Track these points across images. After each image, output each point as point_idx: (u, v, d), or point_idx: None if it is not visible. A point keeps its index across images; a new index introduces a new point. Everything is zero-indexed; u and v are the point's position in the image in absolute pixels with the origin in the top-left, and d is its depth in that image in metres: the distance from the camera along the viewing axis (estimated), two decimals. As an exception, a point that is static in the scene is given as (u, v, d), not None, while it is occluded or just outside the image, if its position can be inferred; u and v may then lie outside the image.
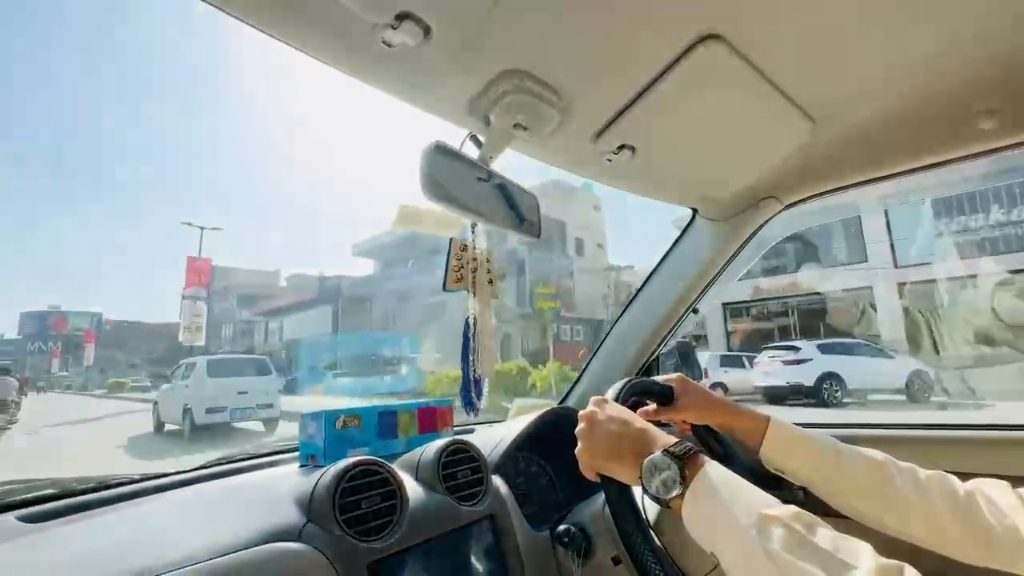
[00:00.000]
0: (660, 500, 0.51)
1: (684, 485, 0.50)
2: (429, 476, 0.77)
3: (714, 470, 0.50)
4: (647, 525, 0.60)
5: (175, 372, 9.90)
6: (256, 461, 0.90)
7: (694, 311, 1.21)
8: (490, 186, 0.72)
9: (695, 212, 1.10)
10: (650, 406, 0.77)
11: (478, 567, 0.77)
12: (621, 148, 0.76)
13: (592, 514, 0.83)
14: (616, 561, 0.77)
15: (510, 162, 0.79)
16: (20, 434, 9.49)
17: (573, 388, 1.29)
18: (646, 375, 1.24)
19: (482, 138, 0.70)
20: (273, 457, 0.92)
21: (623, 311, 1.26)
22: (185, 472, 0.82)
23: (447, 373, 11.08)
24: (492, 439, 0.97)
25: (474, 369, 0.82)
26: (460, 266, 0.81)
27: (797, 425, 0.71)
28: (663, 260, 1.20)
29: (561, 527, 0.83)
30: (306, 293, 27.94)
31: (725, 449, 0.78)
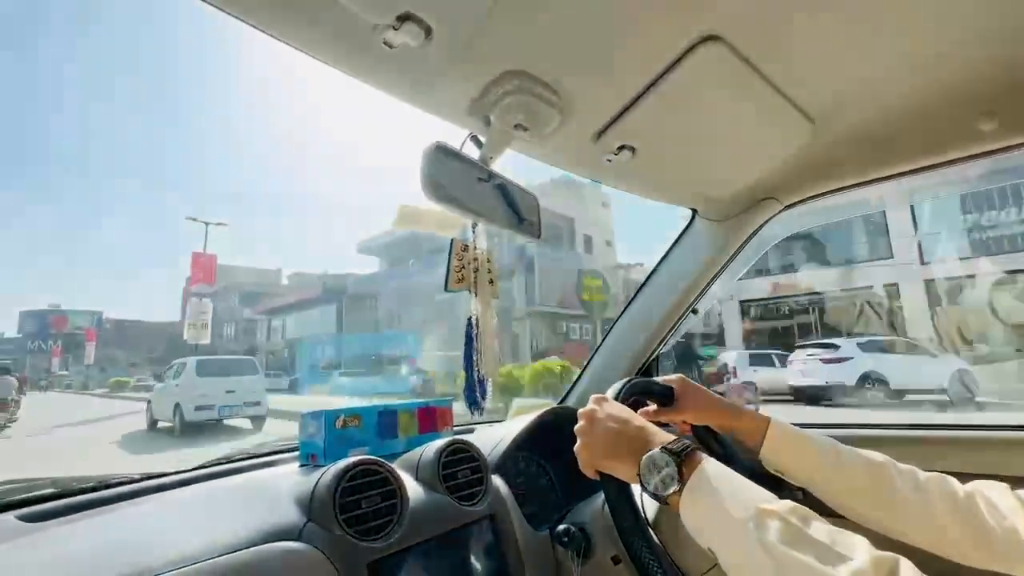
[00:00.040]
0: (658, 497, 0.51)
1: (682, 482, 0.50)
2: (429, 476, 0.77)
3: (711, 467, 0.51)
4: (646, 523, 0.60)
5: (167, 371, 10.22)
6: (256, 460, 0.90)
7: (694, 311, 1.22)
8: (490, 186, 0.73)
9: (695, 212, 1.11)
10: (650, 406, 0.77)
11: (478, 567, 0.77)
12: (621, 148, 0.76)
13: (592, 514, 0.83)
14: (616, 560, 0.77)
15: (519, 158, 0.79)
16: (19, 433, 9.51)
17: (573, 388, 1.29)
18: (646, 375, 1.24)
19: (482, 138, 0.70)
20: (273, 457, 0.92)
21: (623, 311, 1.26)
22: (185, 472, 0.82)
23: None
24: (492, 439, 0.97)
25: (478, 369, 0.82)
26: (461, 266, 0.81)
27: (797, 425, 0.71)
28: (663, 260, 1.20)
29: (561, 527, 0.83)
30: (308, 291, 27.89)
31: (725, 450, 0.78)
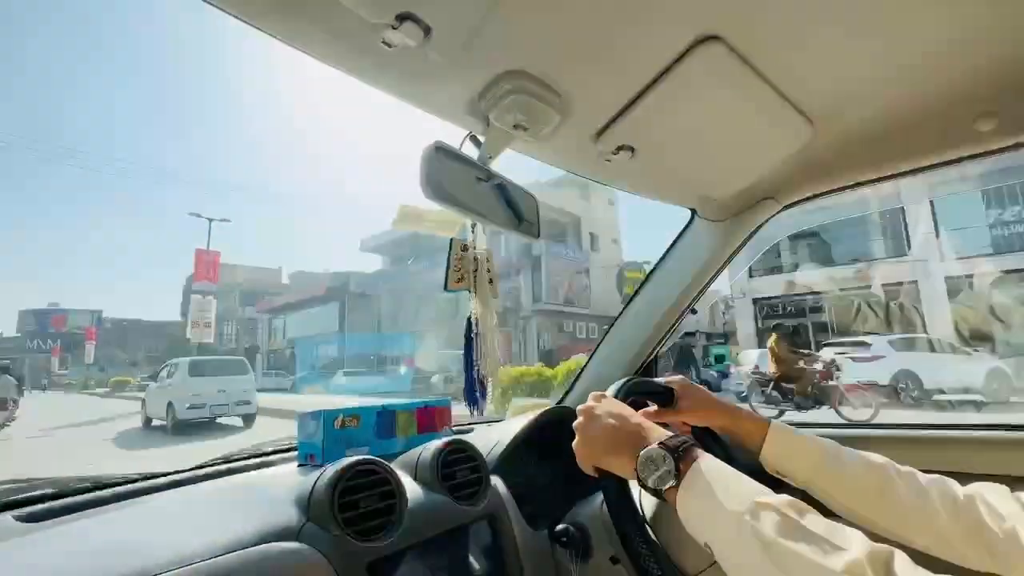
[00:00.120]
0: (656, 492, 0.52)
1: (679, 477, 0.50)
2: (428, 476, 0.77)
3: (708, 462, 0.51)
4: (643, 520, 0.60)
5: (161, 372, 10.62)
6: (254, 461, 0.90)
7: (692, 311, 1.22)
8: (490, 186, 0.73)
9: (693, 212, 1.11)
10: (651, 407, 0.77)
11: (477, 567, 0.77)
12: (620, 148, 0.76)
13: (590, 514, 0.83)
14: (614, 560, 0.77)
15: (522, 157, 0.79)
16: (19, 433, 9.52)
17: (572, 388, 1.29)
18: (645, 375, 1.24)
19: (482, 138, 0.70)
20: (271, 457, 0.92)
21: (622, 311, 1.26)
22: (183, 472, 0.82)
23: (506, 371, 11.05)
24: (491, 439, 0.97)
25: (478, 368, 0.82)
26: (461, 266, 0.81)
27: (797, 426, 0.71)
28: (662, 260, 1.20)
29: (559, 527, 0.83)
30: (310, 290, 27.84)
31: (725, 451, 0.78)
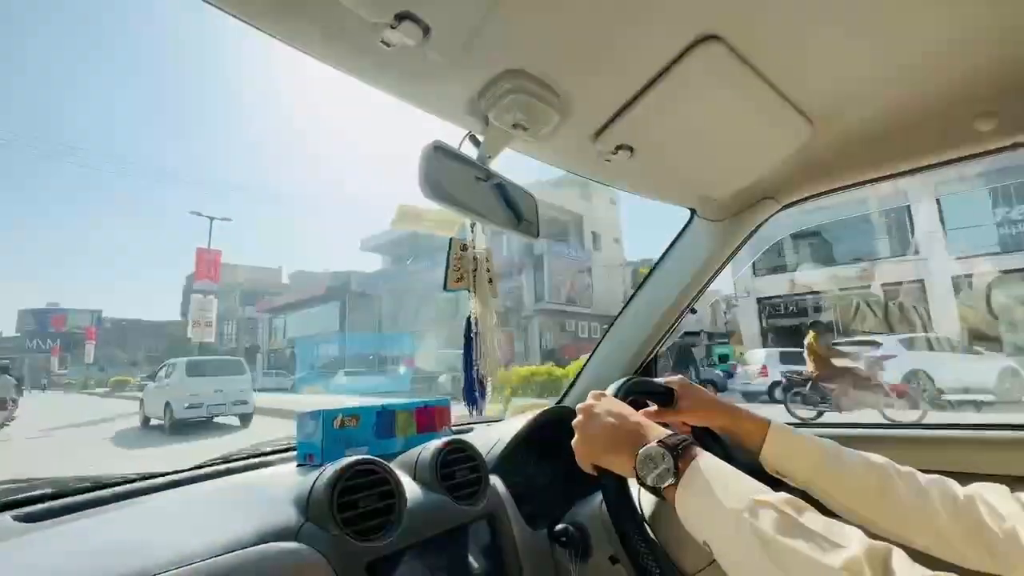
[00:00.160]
0: (655, 490, 0.52)
1: (678, 475, 0.50)
2: (427, 475, 0.77)
3: (707, 460, 0.51)
4: (642, 518, 0.60)
5: (159, 372, 10.76)
6: (253, 461, 0.89)
7: (692, 311, 1.22)
8: (489, 186, 0.72)
9: (693, 212, 1.11)
10: (651, 407, 0.77)
11: (476, 566, 0.77)
12: (620, 148, 0.76)
13: (590, 513, 0.83)
14: (614, 560, 0.77)
15: (524, 157, 0.79)
16: (18, 432, 9.54)
17: (571, 387, 1.29)
18: (645, 374, 1.24)
19: (481, 138, 0.70)
20: (270, 456, 0.92)
21: (621, 311, 1.26)
22: (182, 471, 0.82)
23: (517, 370, 11.02)
24: (490, 438, 0.97)
25: (477, 368, 0.82)
26: (460, 265, 0.81)
27: (797, 426, 0.71)
28: (661, 260, 1.20)
29: (559, 526, 0.83)
30: (310, 290, 27.81)
31: (725, 452, 0.78)
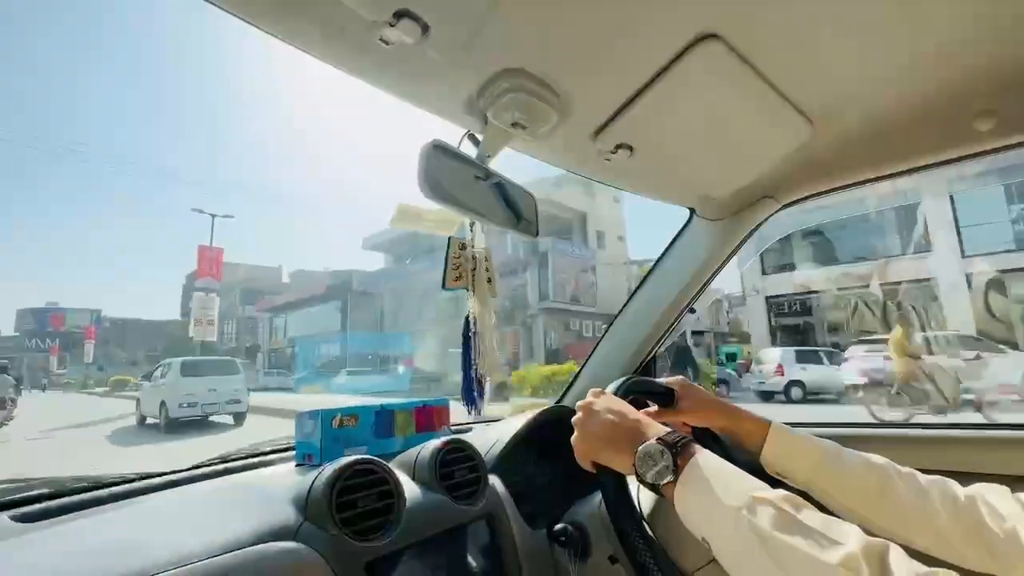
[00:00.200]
0: (654, 487, 0.52)
1: (677, 472, 0.51)
2: (426, 475, 0.77)
3: (706, 457, 0.52)
4: (641, 516, 0.60)
5: (154, 372, 11.12)
6: (252, 460, 0.89)
7: (691, 310, 1.22)
8: (488, 185, 0.72)
9: (692, 211, 1.10)
10: (651, 407, 0.77)
11: (475, 566, 0.77)
12: (619, 147, 0.75)
13: (589, 513, 0.83)
14: (613, 560, 0.77)
15: (526, 156, 0.79)
16: (17, 431, 9.55)
17: (570, 387, 1.29)
18: (644, 374, 1.24)
19: (480, 137, 0.70)
20: (269, 456, 0.92)
21: (620, 310, 1.26)
22: (180, 471, 0.82)
23: (539, 369, 10.98)
24: (489, 438, 0.97)
25: (475, 368, 0.82)
26: (459, 264, 0.81)
27: (797, 426, 0.71)
28: (660, 260, 1.20)
29: (558, 526, 0.83)
30: (310, 289, 27.74)
31: (725, 452, 0.78)
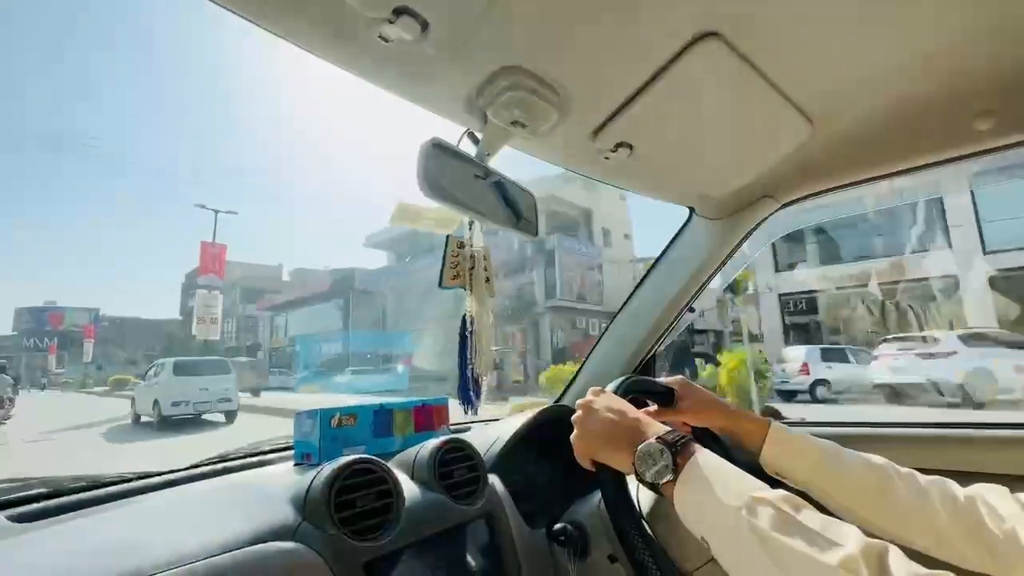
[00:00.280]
0: (653, 486, 0.52)
1: (676, 471, 0.51)
2: (425, 475, 0.77)
3: (705, 457, 0.52)
4: (640, 515, 0.60)
5: (148, 372, 11.55)
6: (250, 460, 0.89)
7: (690, 310, 1.22)
8: (488, 183, 0.72)
9: (692, 211, 1.10)
10: (651, 407, 0.77)
11: (474, 566, 0.77)
12: (619, 146, 0.75)
13: (588, 512, 0.83)
14: (612, 559, 0.77)
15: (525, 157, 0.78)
16: (15, 431, 9.56)
17: (570, 386, 1.29)
18: (644, 373, 1.24)
19: (479, 135, 0.70)
20: (267, 456, 0.92)
21: (620, 310, 1.26)
22: (178, 471, 0.82)
23: (560, 370, 10.92)
24: (488, 437, 0.97)
25: (471, 367, 0.82)
26: (457, 263, 0.81)
27: (797, 426, 0.71)
28: (659, 259, 1.20)
29: (557, 525, 0.83)
30: (311, 288, 27.62)
31: (725, 452, 0.78)
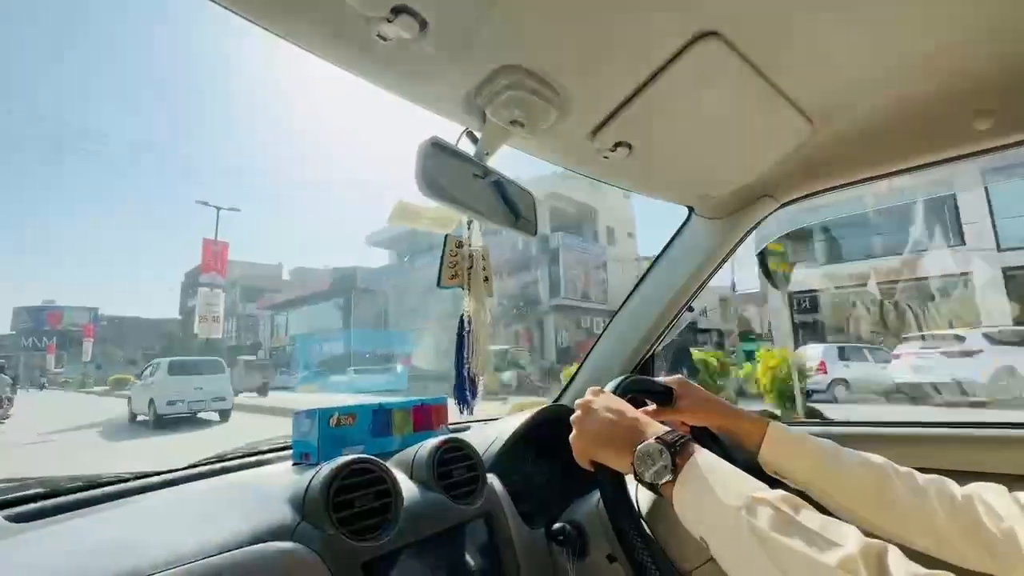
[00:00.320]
0: (652, 486, 0.52)
1: (675, 471, 0.51)
2: (424, 474, 0.77)
3: (705, 457, 0.52)
4: (639, 515, 0.60)
5: (144, 371, 11.68)
6: (248, 460, 0.89)
7: (689, 309, 1.22)
8: (486, 183, 0.72)
9: (691, 210, 1.10)
10: (650, 406, 0.77)
11: (473, 566, 0.76)
12: (618, 145, 0.75)
13: (587, 512, 0.83)
14: (611, 559, 0.77)
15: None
16: (15, 430, 9.57)
17: (569, 386, 1.29)
18: (642, 373, 1.24)
19: (478, 134, 0.70)
20: (266, 455, 0.92)
21: (619, 309, 1.26)
22: (176, 471, 0.81)
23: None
24: (487, 437, 0.96)
25: (468, 367, 0.82)
26: (455, 263, 0.81)
27: (795, 425, 0.71)
28: (659, 258, 1.20)
29: (556, 525, 0.83)
30: (311, 287, 27.60)
31: (724, 452, 0.78)
